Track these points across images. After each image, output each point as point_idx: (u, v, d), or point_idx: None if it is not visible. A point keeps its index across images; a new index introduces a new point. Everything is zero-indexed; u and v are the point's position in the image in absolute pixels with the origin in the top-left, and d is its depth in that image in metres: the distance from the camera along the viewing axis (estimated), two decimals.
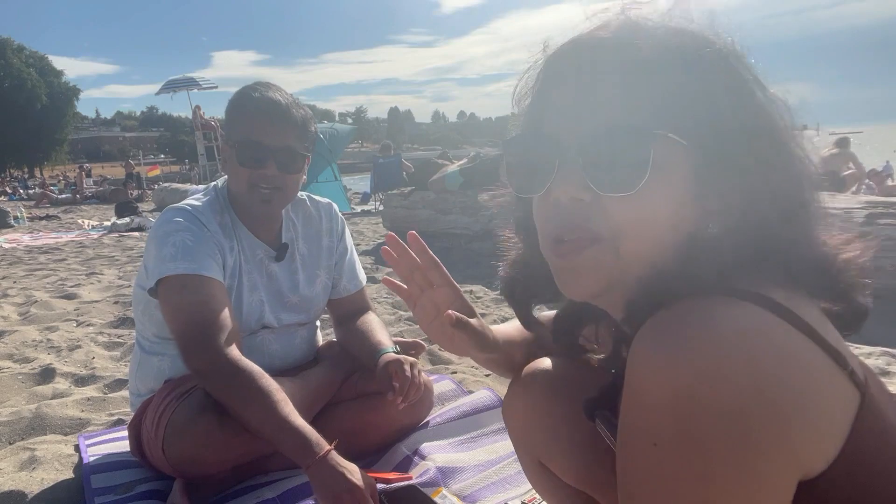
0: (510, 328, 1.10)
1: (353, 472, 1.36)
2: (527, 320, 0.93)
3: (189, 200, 1.71)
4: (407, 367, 1.65)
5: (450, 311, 0.92)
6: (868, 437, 0.58)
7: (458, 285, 0.99)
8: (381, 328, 1.89)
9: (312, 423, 1.69)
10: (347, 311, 1.94)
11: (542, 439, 1.03)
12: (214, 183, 1.80)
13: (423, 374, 1.73)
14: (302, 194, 1.86)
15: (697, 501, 0.55)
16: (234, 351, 1.48)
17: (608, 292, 0.71)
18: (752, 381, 0.54)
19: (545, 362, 1.04)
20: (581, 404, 0.85)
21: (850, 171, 9.44)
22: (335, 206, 1.96)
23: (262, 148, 1.61)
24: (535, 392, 1.01)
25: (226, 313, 1.53)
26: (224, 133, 1.69)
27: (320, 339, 2.03)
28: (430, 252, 0.97)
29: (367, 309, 1.97)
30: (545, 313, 1.04)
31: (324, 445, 1.38)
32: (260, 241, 1.75)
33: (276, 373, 1.65)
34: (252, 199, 1.66)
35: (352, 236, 2.00)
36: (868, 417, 0.59)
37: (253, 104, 1.61)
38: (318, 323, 2.01)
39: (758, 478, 0.54)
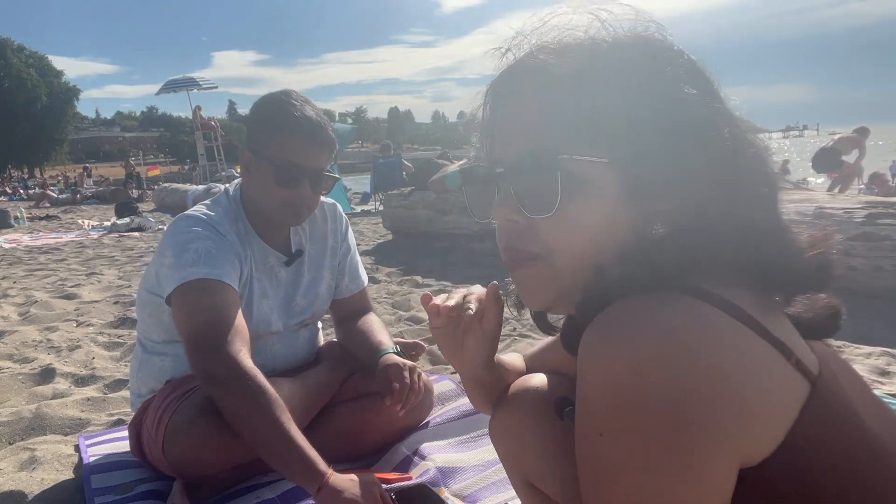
0: (507, 357, 1.12)
1: (357, 482, 1.33)
2: (544, 326, 0.94)
3: (202, 209, 1.69)
4: (406, 373, 1.64)
5: (493, 283, 0.96)
6: (817, 426, 0.59)
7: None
8: (381, 328, 1.89)
9: (312, 422, 1.70)
10: (349, 311, 1.94)
11: (530, 458, 1.00)
12: (226, 187, 1.79)
13: (423, 374, 1.73)
14: None
15: (641, 489, 0.57)
16: (247, 359, 1.45)
17: (563, 300, 0.73)
18: (685, 368, 0.55)
19: (532, 380, 1.02)
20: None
21: (847, 160, 9.54)
22: (339, 206, 1.95)
23: (301, 170, 1.63)
24: (523, 410, 1.00)
25: (241, 321, 1.52)
26: (251, 143, 1.66)
27: (321, 339, 2.03)
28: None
29: (368, 309, 1.97)
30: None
31: (326, 470, 1.33)
32: (271, 248, 1.75)
33: (277, 374, 1.66)
34: (283, 215, 1.68)
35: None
36: (817, 408, 0.59)
37: (297, 126, 1.60)
38: (319, 324, 2.01)
39: (695, 464, 0.56)
